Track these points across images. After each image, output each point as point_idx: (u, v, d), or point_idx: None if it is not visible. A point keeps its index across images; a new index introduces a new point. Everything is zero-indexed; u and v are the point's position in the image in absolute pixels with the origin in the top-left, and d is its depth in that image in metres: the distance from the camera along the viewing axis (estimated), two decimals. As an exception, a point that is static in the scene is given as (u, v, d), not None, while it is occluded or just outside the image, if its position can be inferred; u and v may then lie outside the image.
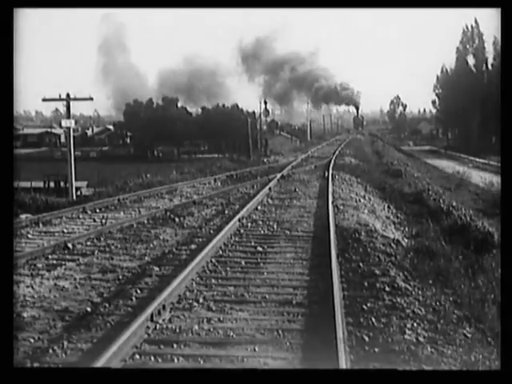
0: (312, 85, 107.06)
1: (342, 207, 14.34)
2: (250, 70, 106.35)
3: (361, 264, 8.53)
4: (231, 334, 5.74)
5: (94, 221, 12.38)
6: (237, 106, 73.22)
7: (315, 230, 11.23)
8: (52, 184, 32.48)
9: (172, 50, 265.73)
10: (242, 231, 10.95)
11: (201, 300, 6.75)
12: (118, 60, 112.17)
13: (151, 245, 9.91)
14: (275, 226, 11.50)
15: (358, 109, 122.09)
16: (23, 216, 13.93)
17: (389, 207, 17.41)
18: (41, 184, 31.58)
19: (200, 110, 75.50)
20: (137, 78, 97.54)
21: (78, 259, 8.84)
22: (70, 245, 9.64)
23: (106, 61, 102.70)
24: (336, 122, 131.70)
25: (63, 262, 8.63)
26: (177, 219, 12.39)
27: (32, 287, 7.38)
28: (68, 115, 23.74)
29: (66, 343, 5.49)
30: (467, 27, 71.17)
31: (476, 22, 70.59)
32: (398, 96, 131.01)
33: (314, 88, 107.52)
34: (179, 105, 74.43)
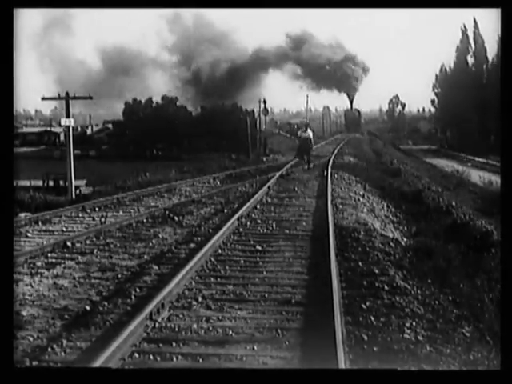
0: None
1: (340, 206, 14.33)
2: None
3: (360, 263, 8.54)
4: (230, 332, 5.74)
5: (93, 219, 12.39)
6: (236, 104, 73.14)
7: (314, 229, 11.23)
8: (51, 183, 32.46)
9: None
10: (241, 230, 10.95)
11: (200, 299, 6.76)
12: (60, 44, 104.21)
13: (150, 243, 9.91)
14: (274, 225, 11.50)
15: (351, 99, 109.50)
16: (22, 215, 13.93)
17: (388, 206, 17.41)
18: (40, 183, 31.58)
19: (200, 109, 75.31)
20: (80, 67, 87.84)
21: (78, 258, 8.84)
22: (69, 243, 9.65)
23: (47, 45, 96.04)
24: (335, 120, 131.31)
25: (62, 261, 8.63)
26: (176, 218, 12.39)
27: (31, 286, 7.39)
28: (67, 114, 23.68)
29: (65, 342, 5.49)
30: (465, 27, 71.24)
31: (475, 21, 70.65)
32: (397, 95, 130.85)
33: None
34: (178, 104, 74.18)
